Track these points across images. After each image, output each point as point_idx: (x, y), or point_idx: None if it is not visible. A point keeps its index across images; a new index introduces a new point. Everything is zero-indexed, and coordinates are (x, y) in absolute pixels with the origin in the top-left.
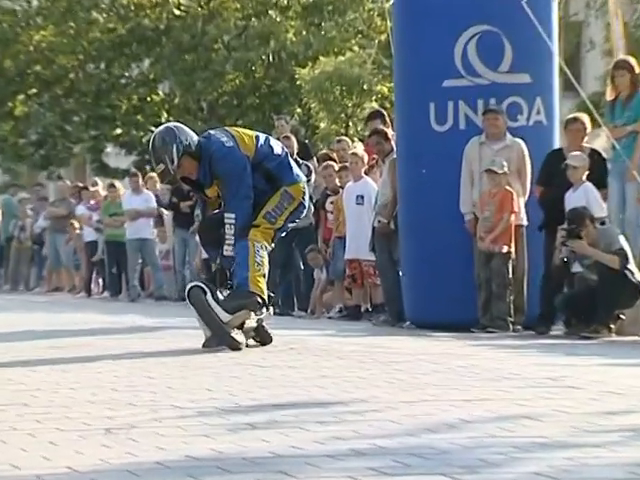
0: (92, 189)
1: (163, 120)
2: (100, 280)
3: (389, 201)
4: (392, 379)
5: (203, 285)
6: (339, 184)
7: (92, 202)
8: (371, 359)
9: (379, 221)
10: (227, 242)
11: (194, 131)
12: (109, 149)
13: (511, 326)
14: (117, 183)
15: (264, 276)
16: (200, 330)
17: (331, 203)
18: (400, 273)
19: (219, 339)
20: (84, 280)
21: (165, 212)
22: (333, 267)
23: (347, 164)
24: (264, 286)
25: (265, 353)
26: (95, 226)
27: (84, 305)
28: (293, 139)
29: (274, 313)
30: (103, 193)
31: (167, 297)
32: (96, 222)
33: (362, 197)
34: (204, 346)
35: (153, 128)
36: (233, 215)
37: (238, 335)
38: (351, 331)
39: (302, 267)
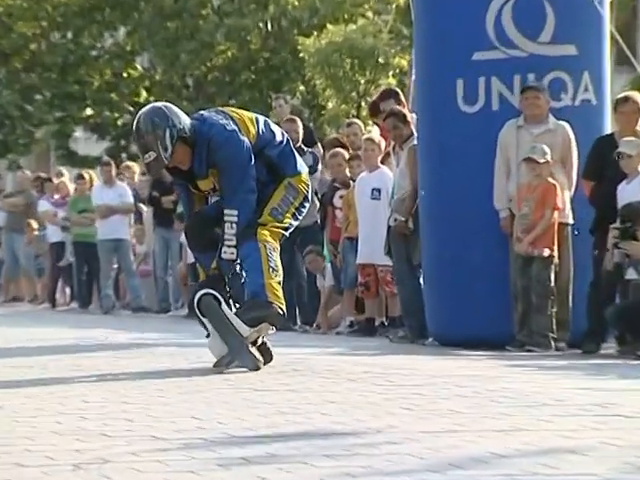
0: (57, 181)
1: (142, 100)
2: (67, 289)
3: (407, 195)
4: (411, 405)
5: (215, 293)
6: (350, 175)
7: (57, 196)
8: (387, 382)
9: (395, 219)
10: (227, 243)
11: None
12: (77, 133)
13: (553, 344)
14: (87, 174)
15: (280, 283)
16: (184, 348)
17: (340, 198)
18: (421, 280)
19: (239, 357)
20: (48, 289)
21: (144, 208)
22: (343, 274)
23: (360, 152)
24: (281, 295)
25: (263, 374)
26: (61, 224)
27: (48, 318)
28: (298, 122)
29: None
30: (71, 186)
31: (146, 308)
32: (62, 220)
33: (378, 190)
34: (216, 366)
35: (131, 109)
36: (236, 212)
37: (256, 352)
38: (364, 349)
39: (306, 273)
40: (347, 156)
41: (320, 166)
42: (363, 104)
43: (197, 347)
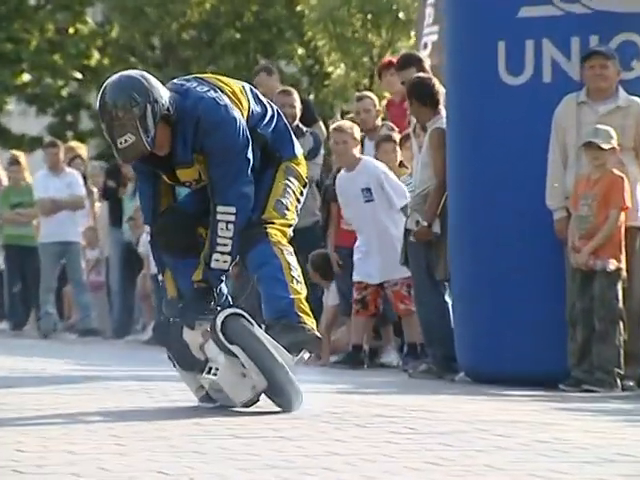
0: None
1: (93, 63)
2: None
3: (431, 191)
4: (438, 460)
5: (243, 312)
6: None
7: None
8: (406, 429)
9: (417, 222)
10: (219, 249)
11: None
12: (10, 106)
13: (619, 382)
14: (22, 158)
15: (307, 298)
16: (146, 383)
17: None
18: (447, 299)
19: (287, 395)
20: None
21: (97, 203)
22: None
23: (387, 133)
24: (311, 312)
25: (246, 417)
26: None
27: None
28: (295, 95)
29: None
30: (0, 173)
31: (97, 331)
32: None
33: (369, 190)
34: (245, 405)
35: (78, 75)
36: (233, 209)
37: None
38: (376, 386)
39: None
40: (357, 132)
41: (322, 150)
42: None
43: (162, 381)
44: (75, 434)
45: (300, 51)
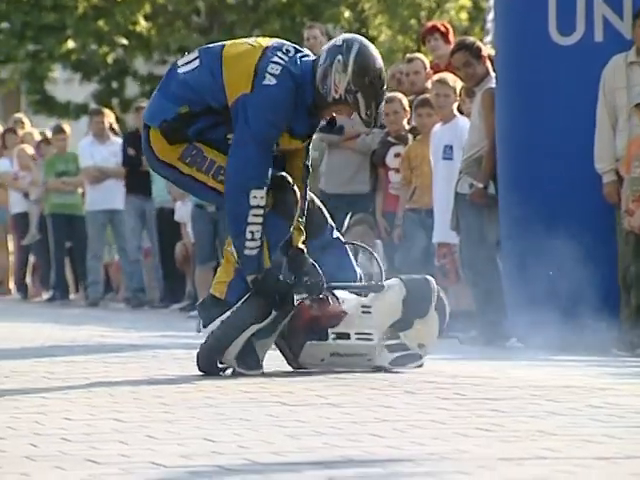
0: (22, 132)
1: (139, 29)
2: (36, 275)
3: (485, 153)
4: (488, 425)
5: None
6: (408, 127)
7: (27, 153)
8: (456, 395)
9: (471, 185)
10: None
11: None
12: (56, 73)
13: None
14: (67, 126)
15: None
16: (194, 352)
17: (395, 156)
18: (499, 264)
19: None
20: (14, 273)
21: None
22: (401, 255)
23: (425, 96)
24: None
25: (292, 384)
26: (27, 190)
27: (15, 311)
28: None
29: None
30: (39, 139)
31: (145, 301)
32: (28, 184)
33: (451, 147)
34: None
35: (124, 41)
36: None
37: None
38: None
39: None
40: (405, 101)
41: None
42: None
43: None
44: (123, 402)
45: (346, 14)
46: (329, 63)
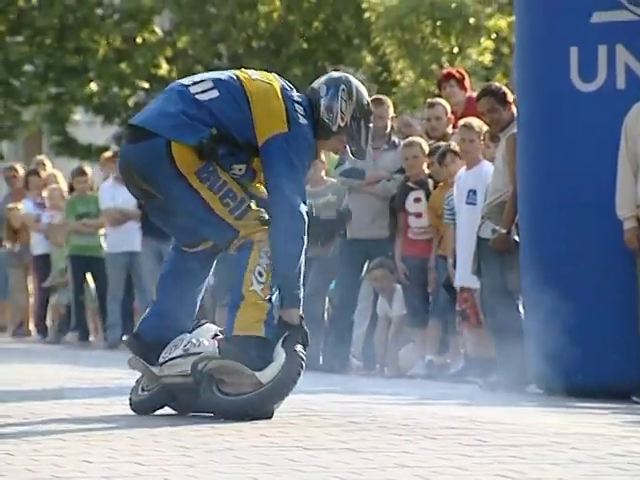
0: (44, 174)
1: (161, 72)
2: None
3: (508, 199)
4: (510, 472)
5: None
6: (428, 172)
7: (44, 194)
8: (477, 441)
9: (494, 230)
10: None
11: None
12: (77, 116)
13: None
14: (88, 168)
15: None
16: None
17: (415, 201)
18: (520, 310)
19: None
20: (34, 314)
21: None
22: (431, 299)
23: (447, 144)
24: None
25: (311, 428)
26: (47, 232)
27: (33, 353)
28: (389, 102)
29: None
30: (63, 183)
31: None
32: (46, 225)
33: (474, 192)
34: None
35: (146, 85)
36: None
37: None
38: (445, 397)
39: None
40: (426, 147)
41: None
42: None
43: None
44: (142, 445)
45: (368, 59)
46: (333, 92)
